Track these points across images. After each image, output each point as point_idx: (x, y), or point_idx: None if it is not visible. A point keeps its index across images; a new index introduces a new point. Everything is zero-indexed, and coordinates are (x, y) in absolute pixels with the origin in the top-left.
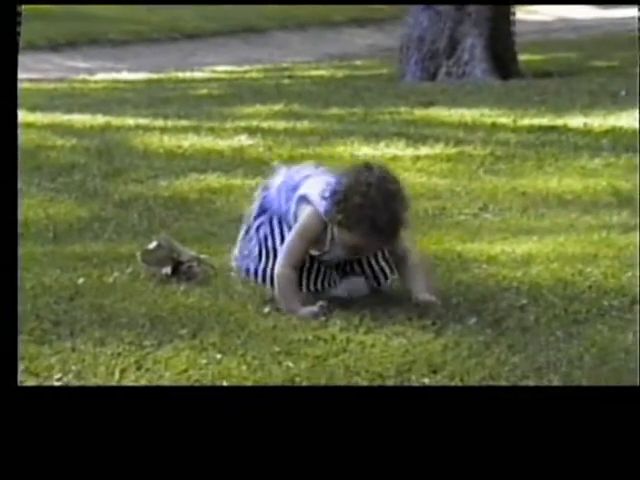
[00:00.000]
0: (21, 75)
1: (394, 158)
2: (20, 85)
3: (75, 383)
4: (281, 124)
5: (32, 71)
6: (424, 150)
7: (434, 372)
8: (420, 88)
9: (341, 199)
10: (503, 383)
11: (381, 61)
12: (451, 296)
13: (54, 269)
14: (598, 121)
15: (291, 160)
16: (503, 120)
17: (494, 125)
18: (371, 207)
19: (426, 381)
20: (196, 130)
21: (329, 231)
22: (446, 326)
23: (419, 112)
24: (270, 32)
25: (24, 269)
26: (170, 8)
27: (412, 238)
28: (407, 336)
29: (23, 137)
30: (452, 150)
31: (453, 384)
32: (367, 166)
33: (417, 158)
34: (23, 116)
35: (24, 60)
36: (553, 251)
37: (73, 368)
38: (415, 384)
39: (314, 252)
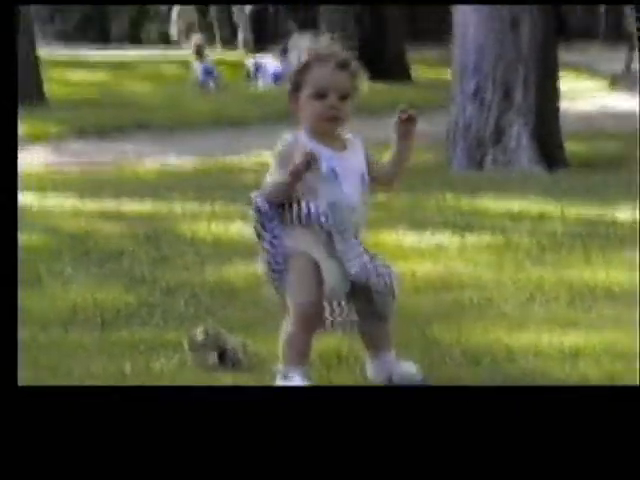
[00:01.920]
0: (70, 160)
1: (440, 247)
2: (69, 170)
3: None
4: None
5: (81, 156)
6: (470, 239)
7: None
8: (466, 176)
9: (298, 56)
10: None
11: (425, 149)
12: None
13: (101, 356)
14: None
15: None
16: (550, 210)
17: (541, 215)
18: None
19: None
20: (243, 217)
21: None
22: None
23: (465, 200)
24: None
25: (71, 357)
26: (216, 95)
27: None
28: None
29: (72, 223)
30: (498, 240)
31: None
32: None
33: (463, 247)
34: (72, 202)
35: (74, 147)
36: (601, 344)
37: None
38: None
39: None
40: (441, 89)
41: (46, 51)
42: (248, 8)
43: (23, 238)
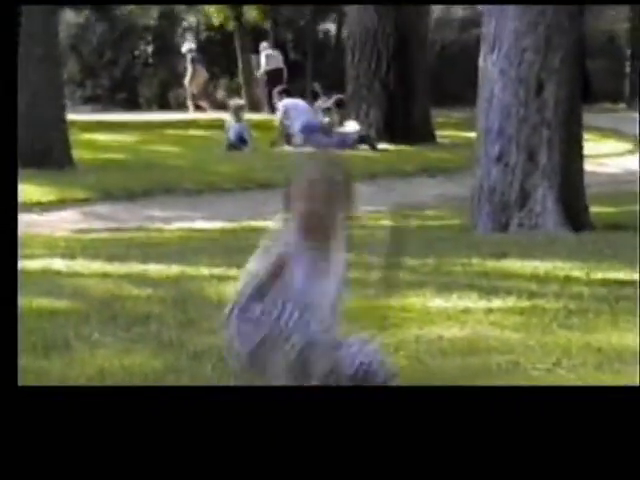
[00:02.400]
0: (99, 225)
1: (466, 311)
2: (97, 234)
3: None
4: (353, 274)
5: (110, 220)
6: (496, 303)
7: None
8: (492, 239)
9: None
10: None
11: (452, 211)
12: None
13: None
14: None
15: (361, 310)
16: (576, 273)
17: (567, 278)
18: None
19: None
20: None
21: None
22: None
23: (491, 264)
24: None
25: None
26: (243, 158)
27: None
28: None
29: (99, 287)
30: (525, 303)
31: None
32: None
33: (490, 311)
34: (100, 266)
35: (102, 211)
36: None
37: None
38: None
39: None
40: (466, 150)
41: (76, 116)
42: (263, 68)
43: (51, 302)
